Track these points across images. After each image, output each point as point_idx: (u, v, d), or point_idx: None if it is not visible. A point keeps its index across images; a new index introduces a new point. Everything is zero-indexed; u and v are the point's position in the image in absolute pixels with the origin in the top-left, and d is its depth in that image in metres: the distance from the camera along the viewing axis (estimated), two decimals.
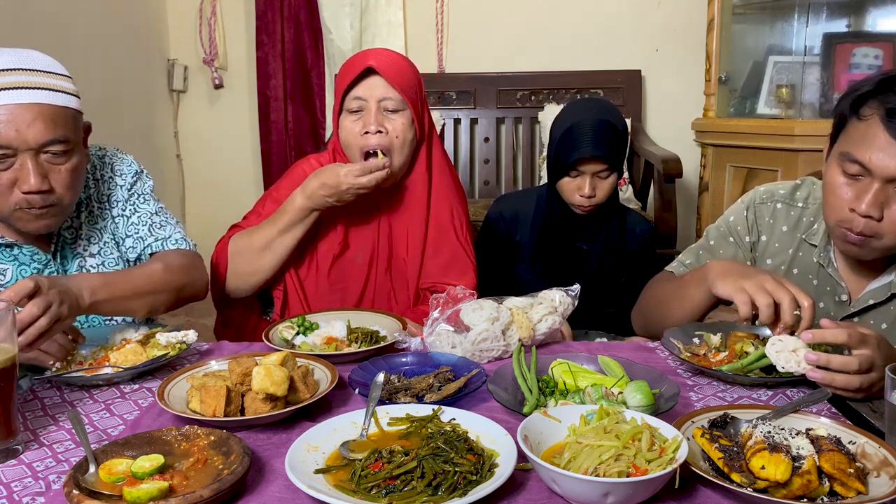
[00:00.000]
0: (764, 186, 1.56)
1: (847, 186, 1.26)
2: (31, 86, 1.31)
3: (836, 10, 3.34)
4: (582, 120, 1.83)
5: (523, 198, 2.08)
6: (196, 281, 1.57)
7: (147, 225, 1.57)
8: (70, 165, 1.36)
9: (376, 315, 1.57)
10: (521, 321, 1.40)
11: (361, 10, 3.79)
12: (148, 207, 1.59)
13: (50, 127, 1.31)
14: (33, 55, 1.36)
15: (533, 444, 0.93)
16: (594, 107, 1.90)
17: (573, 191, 1.88)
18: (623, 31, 3.81)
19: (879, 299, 1.35)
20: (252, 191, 4.19)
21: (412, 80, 1.67)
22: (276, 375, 1.07)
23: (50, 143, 1.32)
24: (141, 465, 0.91)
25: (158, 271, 1.47)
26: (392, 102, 1.63)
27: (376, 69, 1.61)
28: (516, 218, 2.02)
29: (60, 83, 1.36)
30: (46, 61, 1.37)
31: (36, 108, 1.30)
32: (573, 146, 1.82)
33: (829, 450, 0.91)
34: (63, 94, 1.35)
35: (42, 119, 1.30)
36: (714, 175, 3.46)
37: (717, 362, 1.27)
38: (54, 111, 1.32)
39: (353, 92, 1.64)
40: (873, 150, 1.21)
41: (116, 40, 3.54)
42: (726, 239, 1.58)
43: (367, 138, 1.62)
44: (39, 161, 1.33)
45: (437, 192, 1.76)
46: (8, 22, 2.71)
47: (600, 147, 1.81)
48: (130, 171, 1.60)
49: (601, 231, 1.96)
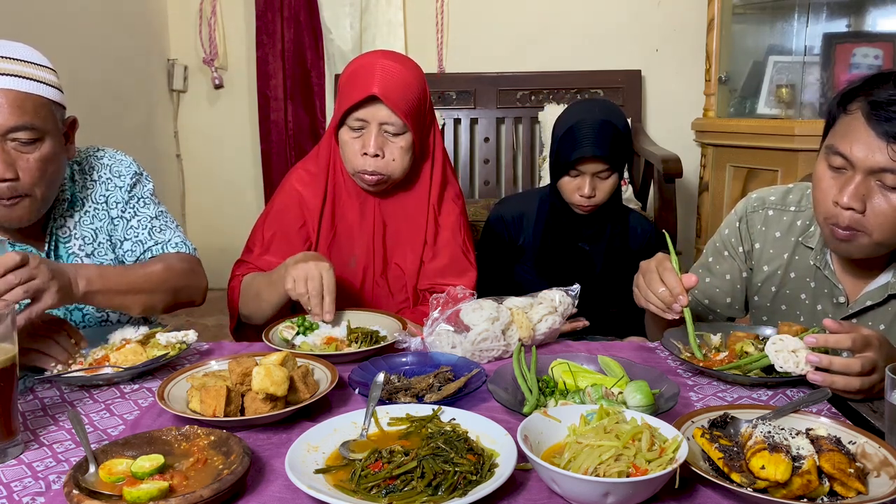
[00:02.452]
0: (756, 193, 1.56)
1: (832, 180, 1.27)
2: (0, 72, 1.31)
3: (836, 10, 3.34)
4: (583, 120, 1.83)
5: (526, 199, 2.07)
6: (194, 285, 1.57)
7: (147, 228, 1.57)
8: (39, 155, 1.35)
9: (376, 315, 1.57)
10: (521, 321, 1.40)
11: (361, 10, 3.79)
12: (148, 211, 1.59)
13: (16, 112, 1.30)
14: (12, 45, 1.36)
15: (533, 444, 0.93)
16: (596, 107, 1.90)
17: (573, 190, 1.88)
18: (623, 31, 3.81)
19: (877, 300, 1.35)
20: (252, 191, 4.19)
21: (417, 101, 1.63)
22: (276, 375, 1.07)
23: (15, 128, 1.31)
24: (141, 465, 0.91)
25: (157, 271, 1.47)
26: (394, 127, 1.61)
27: (380, 97, 1.58)
28: (520, 220, 2.01)
29: (36, 72, 1.35)
30: (25, 51, 1.36)
31: (2, 94, 1.29)
32: (573, 146, 1.82)
33: (829, 450, 0.91)
34: (36, 82, 1.34)
35: (8, 104, 1.30)
36: (714, 175, 3.46)
37: (717, 362, 1.27)
38: (22, 97, 1.31)
39: (356, 113, 1.61)
40: (855, 141, 1.22)
41: (116, 40, 3.53)
42: (721, 254, 1.57)
43: (365, 160, 1.62)
44: (6, 148, 1.32)
45: (437, 197, 1.75)
46: (8, 22, 2.71)
47: (600, 147, 1.81)
48: (129, 172, 1.59)
49: (604, 232, 1.96)
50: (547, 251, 1.98)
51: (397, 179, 1.68)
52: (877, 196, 1.22)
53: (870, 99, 1.21)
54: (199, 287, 1.59)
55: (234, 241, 2.99)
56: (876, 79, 1.23)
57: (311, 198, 1.72)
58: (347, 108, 1.62)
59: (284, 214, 1.72)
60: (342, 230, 1.74)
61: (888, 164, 1.18)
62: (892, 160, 1.17)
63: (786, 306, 1.49)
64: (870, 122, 1.20)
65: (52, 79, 1.38)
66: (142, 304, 1.43)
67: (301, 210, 1.72)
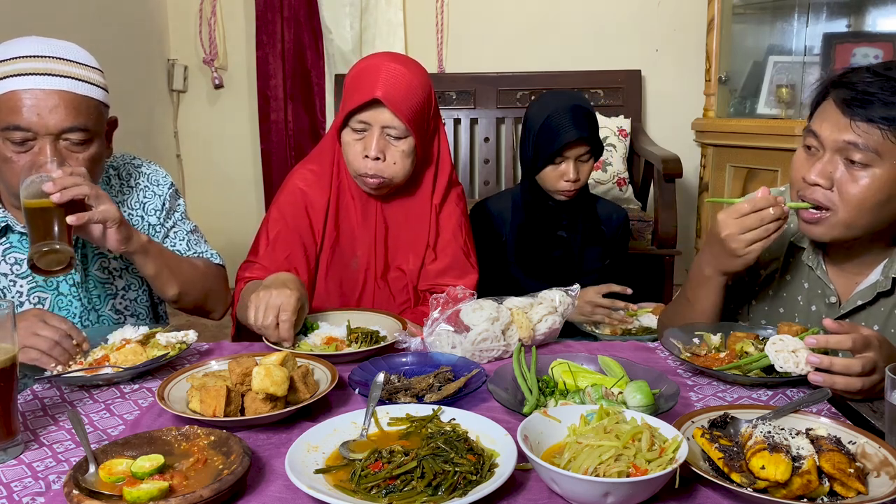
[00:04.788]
0: None
1: (805, 161, 1.32)
2: (57, 73, 1.35)
3: (836, 10, 3.34)
4: (557, 108, 1.90)
5: (500, 200, 2.13)
6: (222, 294, 1.65)
7: (185, 240, 1.64)
8: (88, 154, 1.39)
9: (376, 315, 1.57)
10: (521, 321, 1.40)
11: (361, 10, 3.79)
12: (185, 225, 1.67)
13: (71, 114, 1.35)
14: (66, 46, 1.40)
15: (533, 444, 0.93)
16: (563, 96, 1.99)
17: (557, 178, 1.93)
18: (623, 31, 3.81)
19: (867, 300, 1.36)
20: (252, 191, 4.19)
21: (420, 105, 1.62)
22: (276, 375, 1.07)
23: (69, 129, 1.35)
24: (141, 465, 0.91)
25: (200, 266, 1.59)
26: (396, 131, 1.60)
27: (383, 101, 1.57)
28: (497, 218, 2.06)
29: (88, 74, 1.39)
30: (79, 53, 1.41)
31: (59, 95, 1.34)
32: (556, 133, 1.89)
33: (829, 450, 0.91)
34: (89, 84, 1.39)
35: (64, 106, 1.34)
36: (714, 175, 3.46)
37: (717, 362, 1.27)
38: (77, 99, 1.36)
39: (358, 116, 1.61)
40: (825, 121, 1.28)
41: (116, 40, 3.54)
42: None
43: (366, 162, 1.62)
44: (58, 147, 1.36)
45: (439, 199, 1.75)
46: (8, 22, 2.71)
47: (582, 129, 1.88)
48: (166, 182, 1.66)
49: (578, 219, 2.02)
50: (528, 245, 2.02)
51: (399, 183, 1.67)
52: (843, 173, 1.27)
53: (843, 81, 1.28)
54: (224, 299, 1.66)
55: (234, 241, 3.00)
56: (854, 68, 1.30)
57: (317, 198, 1.72)
58: (350, 110, 1.61)
59: (289, 214, 1.71)
60: (345, 231, 1.73)
61: (853, 138, 1.24)
62: (857, 135, 1.23)
63: (783, 309, 1.49)
64: (839, 103, 1.26)
65: (100, 80, 1.43)
66: (181, 286, 1.50)
67: (306, 210, 1.72)
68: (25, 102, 1.31)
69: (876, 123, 1.22)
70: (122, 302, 1.58)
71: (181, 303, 1.54)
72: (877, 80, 1.24)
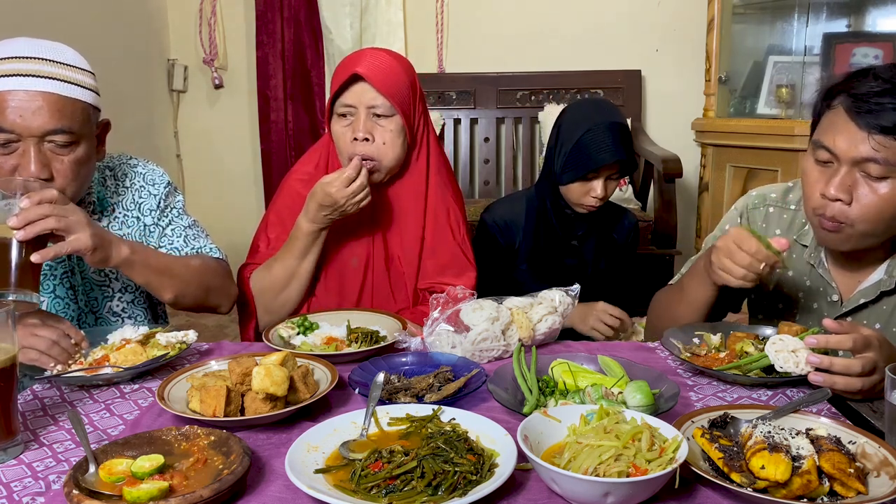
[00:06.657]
0: (756, 191, 1.57)
1: (819, 174, 1.30)
2: (42, 75, 1.32)
3: (836, 10, 3.34)
4: (598, 124, 1.82)
5: (513, 204, 2.07)
6: (225, 288, 1.61)
7: (182, 237, 1.61)
8: (73, 157, 1.36)
9: (376, 315, 1.57)
10: (521, 321, 1.40)
11: (361, 10, 3.79)
12: (182, 221, 1.63)
13: (55, 116, 1.32)
14: (55, 47, 1.38)
15: (533, 444, 0.93)
16: (602, 109, 1.89)
17: (584, 193, 1.87)
18: (623, 31, 3.81)
19: (870, 298, 1.36)
20: (252, 191, 4.19)
21: (403, 84, 1.64)
22: (276, 375, 1.07)
23: (53, 132, 1.32)
24: (141, 465, 0.91)
25: (195, 264, 1.53)
26: (381, 108, 1.61)
27: (363, 76, 1.59)
28: (510, 225, 2.01)
29: (75, 76, 1.36)
30: (68, 54, 1.38)
31: (43, 97, 1.31)
32: (594, 152, 1.81)
33: (829, 450, 0.91)
34: (76, 86, 1.36)
35: (48, 107, 1.31)
36: (714, 175, 3.47)
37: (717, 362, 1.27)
38: (62, 101, 1.33)
39: (342, 98, 1.62)
40: (838, 134, 1.25)
41: (116, 40, 3.54)
42: None
43: (356, 145, 1.62)
44: (42, 149, 1.33)
45: (433, 192, 1.76)
46: (8, 22, 2.71)
47: (621, 151, 1.81)
48: (162, 181, 1.63)
49: (593, 228, 1.99)
50: (540, 252, 1.99)
51: (391, 167, 1.67)
52: (862, 187, 1.25)
53: (851, 92, 1.24)
54: (229, 293, 1.63)
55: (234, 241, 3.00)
56: (856, 74, 1.27)
57: None
58: (334, 95, 1.63)
59: (287, 216, 1.72)
60: (342, 228, 1.73)
61: (871, 153, 1.21)
62: (875, 150, 1.21)
63: (782, 304, 1.49)
64: (851, 114, 1.23)
65: (90, 82, 1.40)
66: (176, 289, 1.46)
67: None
68: (9, 104, 1.29)
69: (893, 136, 1.20)
70: (120, 304, 1.57)
71: (180, 304, 1.53)
72: (886, 87, 1.21)
